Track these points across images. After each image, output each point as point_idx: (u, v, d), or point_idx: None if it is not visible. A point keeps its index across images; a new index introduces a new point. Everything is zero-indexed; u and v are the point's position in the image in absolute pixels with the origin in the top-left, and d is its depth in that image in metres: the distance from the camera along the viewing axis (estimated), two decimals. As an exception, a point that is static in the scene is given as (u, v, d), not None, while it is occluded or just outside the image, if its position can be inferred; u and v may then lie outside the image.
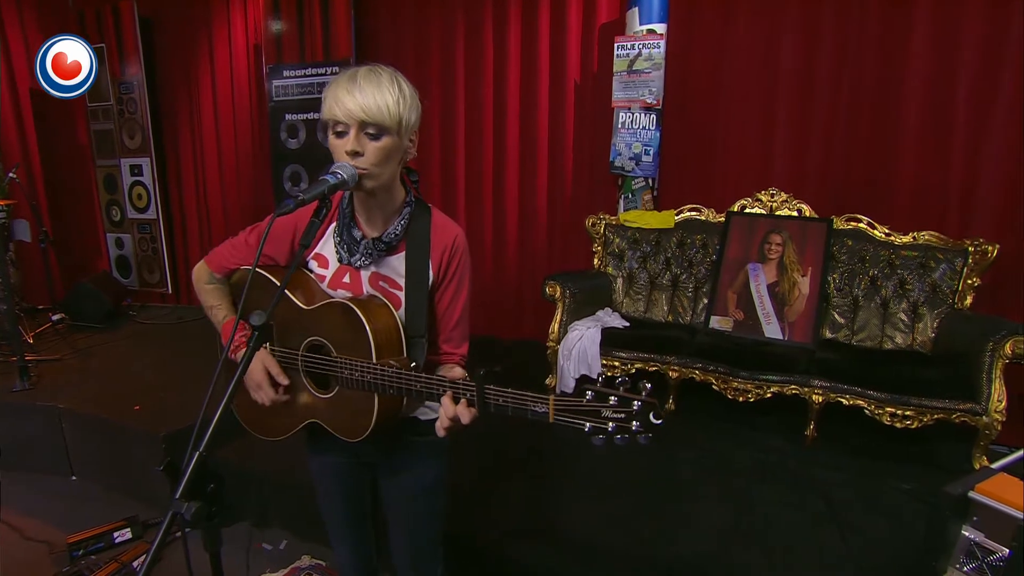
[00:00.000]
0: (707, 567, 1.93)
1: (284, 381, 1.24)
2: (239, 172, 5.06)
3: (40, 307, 4.78)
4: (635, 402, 0.93)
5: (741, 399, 2.87)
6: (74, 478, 3.06)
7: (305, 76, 4.43)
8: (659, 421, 0.92)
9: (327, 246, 1.28)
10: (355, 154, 1.11)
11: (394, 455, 1.34)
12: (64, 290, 4.83)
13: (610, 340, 3.09)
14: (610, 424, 0.94)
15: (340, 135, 1.12)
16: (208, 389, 0.92)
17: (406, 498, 1.38)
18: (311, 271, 1.31)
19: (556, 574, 1.96)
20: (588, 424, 0.96)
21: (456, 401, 1.07)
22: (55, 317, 4.42)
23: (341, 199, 1.26)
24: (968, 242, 2.86)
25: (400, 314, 1.22)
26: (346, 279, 1.27)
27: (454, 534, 1.52)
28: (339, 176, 1.08)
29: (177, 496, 0.84)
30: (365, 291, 1.25)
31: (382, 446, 1.33)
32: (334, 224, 1.27)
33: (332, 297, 1.25)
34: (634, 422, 0.93)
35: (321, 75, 4.37)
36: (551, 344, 3.19)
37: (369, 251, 1.22)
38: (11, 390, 3.18)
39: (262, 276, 1.30)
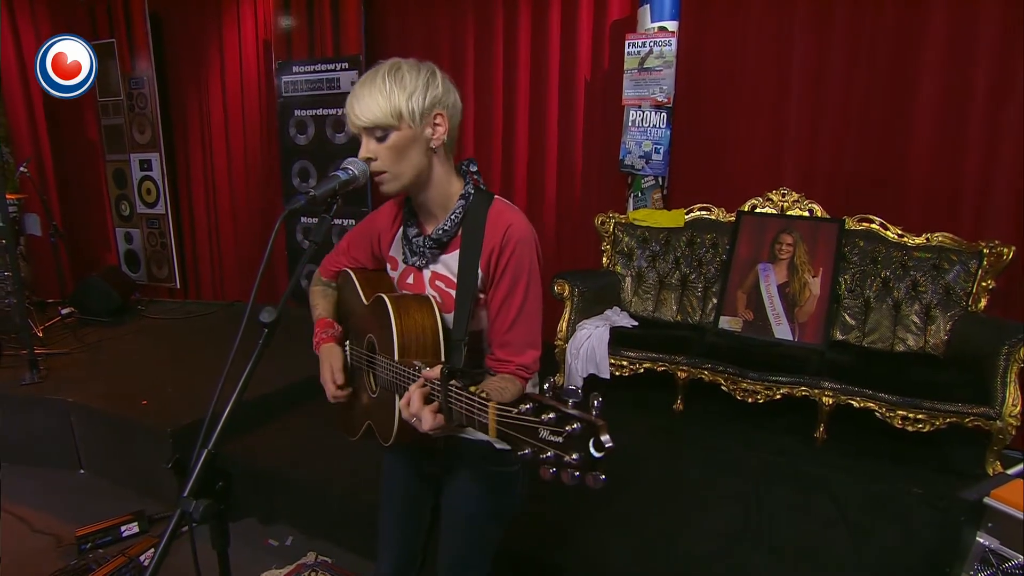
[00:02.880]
0: (715, 569, 1.92)
1: (339, 380, 1.23)
2: (248, 168, 5.07)
3: (50, 301, 4.80)
4: (574, 423, 0.68)
5: (750, 400, 2.85)
6: (82, 472, 3.07)
7: (314, 72, 4.43)
8: (600, 454, 0.67)
9: (397, 247, 1.27)
10: (369, 160, 1.11)
11: (459, 477, 1.28)
12: (73, 284, 4.85)
13: (618, 339, 3.07)
14: (548, 451, 0.70)
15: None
16: (218, 384, 0.92)
17: (459, 521, 1.31)
18: (389, 273, 1.32)
19: (562, 570, 1.95)
20: (527, 448, 0.73)
21: (427, 401, 0.94)
22: (64, 311, 4.44)
23: (405, 200, 1.25)
24: (983, 244, 2.82)
25: (451, 316, 1.15)
26: (410, 280, 1.24)
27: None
28: (350, 172, 1.08)
29: (185, 494, 0.83)
30: (426, 291, 1.20)
31: (449, 466, 1.29)
32: (403, 226, 1.26)
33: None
34: (573, 453, 0.68)
35: (330, 71, 4.36)
36: (559, 343, 3.18)
37: (421, 249, 1.18)
38: (21, 383, 3.19)
39: (349, 276, 1.33)
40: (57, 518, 2.65)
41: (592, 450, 0.67)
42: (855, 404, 2.67)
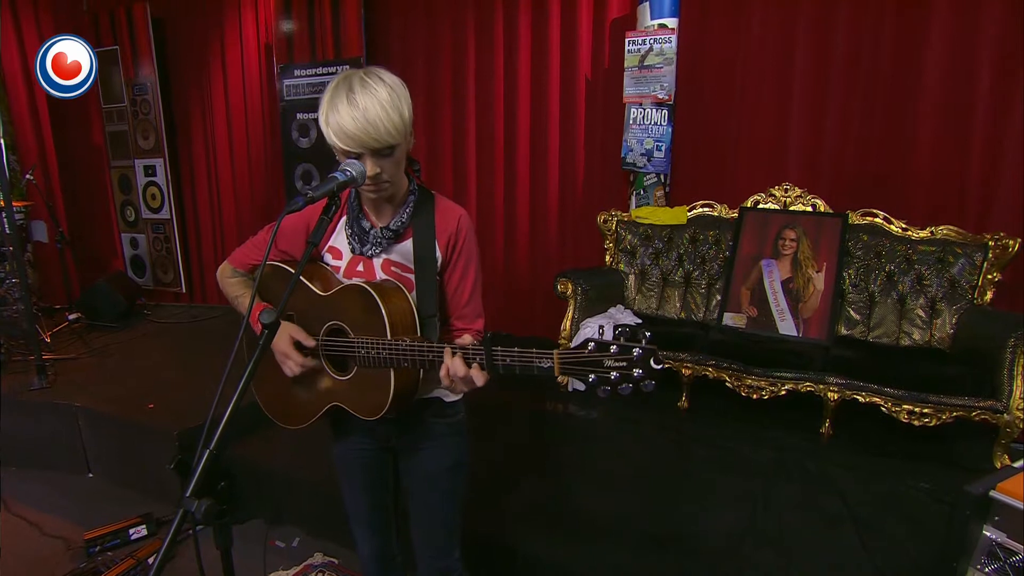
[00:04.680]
0: (721, 567, 1.91)
1: (310, 343, 1.26)
2: (251, 171, 5.09)
3: (57, 307, 4.85)
4: (635, 350, 0.95)
5: (755, 397, 2.84)
6: (91, 475, 3.09)
7: (316, 75, 4.45)
8: (660, 366, 0.95)
9: (339, 238, 1.32)
10: (376, 176, 1.15)
11: (415, 437, 1.37)
12: (80, 290, 4.88)
13: (622, 337, 3.06)
14: (613, 373, 0.96)
15: (355, 157, 1.14)
16: (219, 386, 0.92)
17: (426, 479, 1.39)
18: (326, 264, 1.34)
19: (568, 568, 1.95)
20: (592, 376, 0.98)
21: (468, 365, 1.09)
22: (71, 316, 4.48)
23: (350, 194, 1.30)
24: (988, 236, 2.81)
25: (412, 296, 1.25)
26: (360, 268, 1.31)
27: (468, 525, 1.51)
28: (348, 174, 1.10)
29: (188, 494, 0.84)
30: (379, 277, 1.29)
31: (404, 428, 1.36)
32: (345, 217, 1.31)
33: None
34: (636, 370, 0.95)
35: (332, 74, 4.38)
36: (563, 341, 3.18)
37: (379, 240, 1.26)
38: (29, 388, 3.22)
39: (283, 270, 1.35)
40: (66, 521, 2.67)
41: (654, 364, 0.95)
42: (860, 399, 2.66)
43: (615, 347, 0.96)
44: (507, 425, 2.89)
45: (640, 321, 3.25)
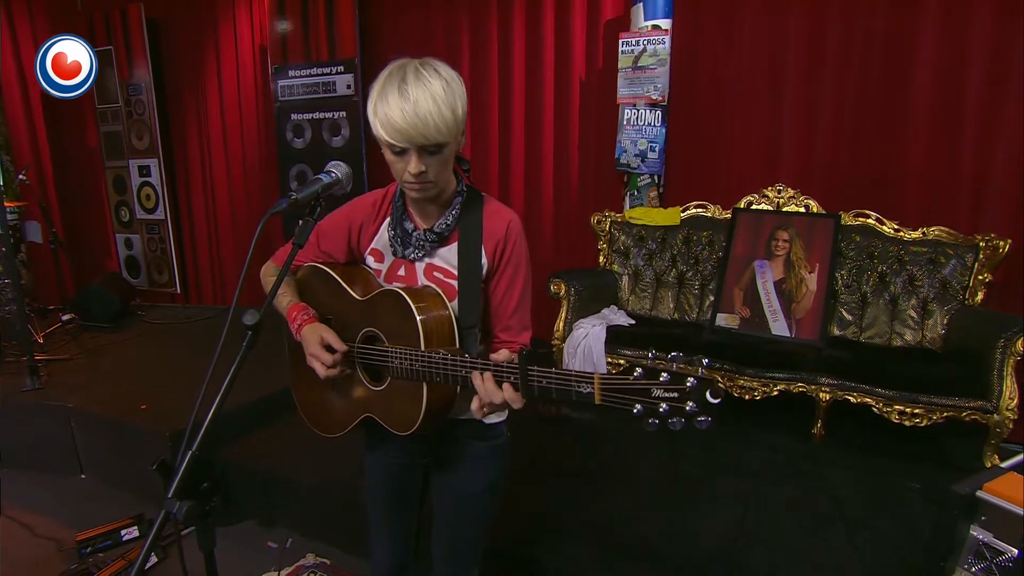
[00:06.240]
0: (713, 566, 1.92)
1: (341, 347, 1.19)
2: (246, 172, 5.09)
3: (50, 307, 4.84)
4: (689, 379, 0.84)
5: (747, 397, 2.85)
6: (83, 477, 3.09)
7: (311, 76, 4.44)
8: (717, 400, 0.83)
9: (382, 240, 1.26)
10: (421, 174, 1.08)
11: (452, 456, 1.31)
12: (74, 290, 4.88)
13: (615, 338, 3.07)
14: (662, 405, 0.85)
15: (399, 154, 1.08)
16: (201, 387, 0.92)
17: (457, 499, 1.34)
18: (368, 267, 1.29)
19: (561, 571, 1.96)
20: (638, 406, 0.87)
21: (500, 384, 1.00)
22: (65, 317, 4.47)
23: (395, 193, 1.25)
24: (979, 237, 2.82)
25: (454, 305, 1.18)
26: (401, 272, 1.24)
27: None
28: (333, 175, 1.09)
29: (169, 495, 0.84)
30: (420, 283, 1.23)
31: (440, 447, 1.31)
32: (388, 218, 1.25)
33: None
34: (689, 403, 0.83)
35: (326, 75, 4.38)
36: (556, 342, 3.18)
37: (421, 243, 1.20)
38: (21, 390, 3.21)
39: (322, 271, 1.29)
40: (58, 523, 2.67)
41: (710, 398, 0.83)
42: (852, 399, 2.67)
43: (666, 375, 0.86)
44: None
45: (633, 322, 3.25)
